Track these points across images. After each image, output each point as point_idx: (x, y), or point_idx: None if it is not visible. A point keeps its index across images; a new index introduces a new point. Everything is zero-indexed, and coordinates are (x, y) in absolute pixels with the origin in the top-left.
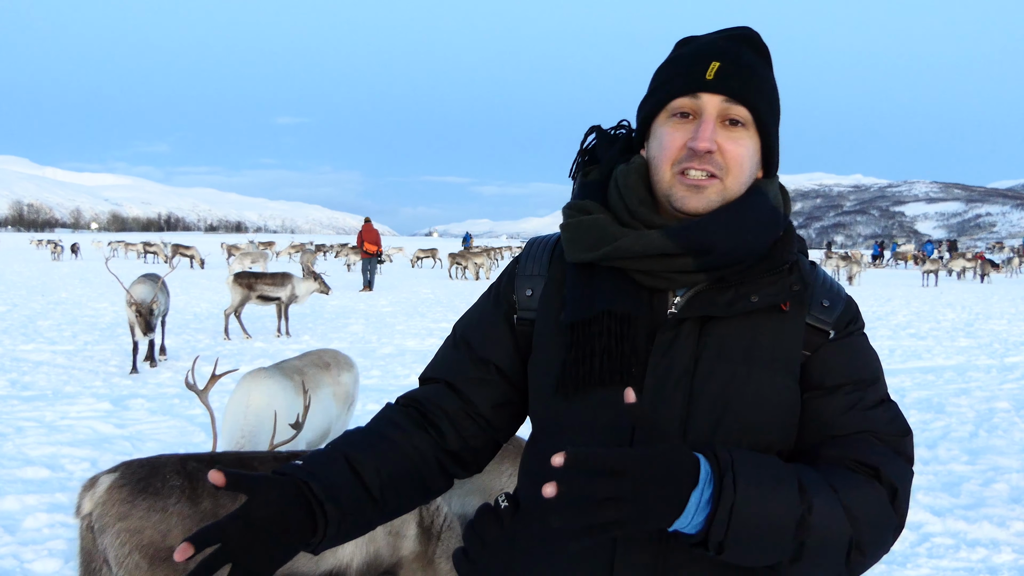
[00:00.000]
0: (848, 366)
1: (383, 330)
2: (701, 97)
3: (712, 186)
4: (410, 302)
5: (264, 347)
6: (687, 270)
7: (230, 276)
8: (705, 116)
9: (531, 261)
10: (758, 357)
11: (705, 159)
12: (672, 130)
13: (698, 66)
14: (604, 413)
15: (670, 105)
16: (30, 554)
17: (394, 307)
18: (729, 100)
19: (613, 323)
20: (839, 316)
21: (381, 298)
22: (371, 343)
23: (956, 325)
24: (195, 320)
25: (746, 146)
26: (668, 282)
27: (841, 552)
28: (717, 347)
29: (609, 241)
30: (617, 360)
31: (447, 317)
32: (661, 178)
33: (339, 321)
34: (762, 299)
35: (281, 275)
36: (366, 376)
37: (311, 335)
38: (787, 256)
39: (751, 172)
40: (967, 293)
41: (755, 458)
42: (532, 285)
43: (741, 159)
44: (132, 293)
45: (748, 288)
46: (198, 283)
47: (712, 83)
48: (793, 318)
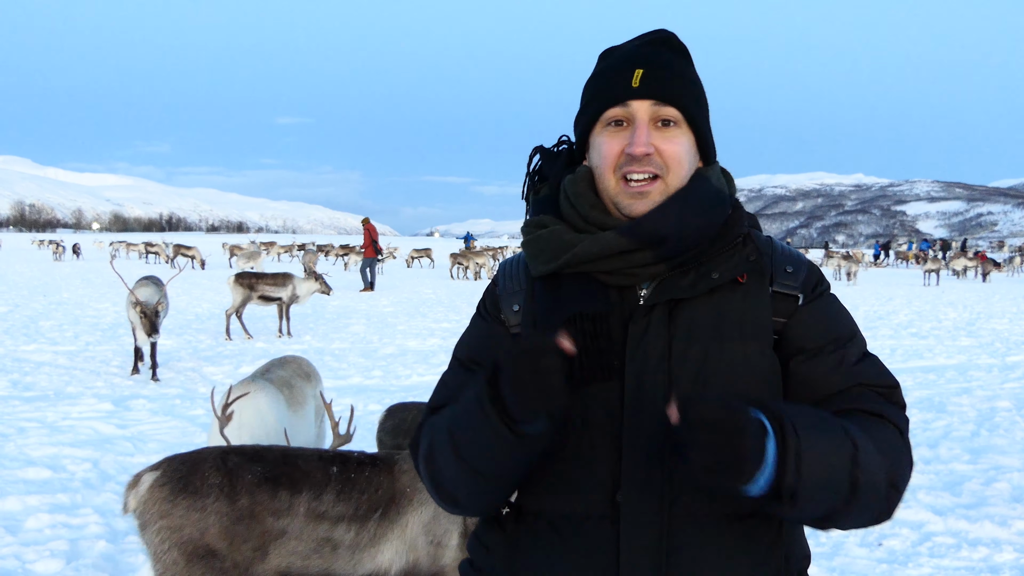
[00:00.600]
0: (824, 326)
1: (384, 330)
2: (631, 105)
3: (654, 188)
4: (411, 302)
5: (265, 347)
6: (647, 263)
7: (231, 276)
8: (638, 122)
9: (509, 280)
10: (728, 331)
11: (644, 161)
12: (609, 139)
13: (624, 75)
14: (591, 408)
15: (603, 116)
16: (32, 555)
17: (395, 307)
18: (658, 103)
19: (586, 323)
20: (804, 280)
21: (382, 298)
22: (373, 343)
23: (957, 324)
24: (196, 320)
25: (681, 143)
26: (632, 278)
27: (883, 487)
28: (687, 328)
29: (568, 248)
30: (595, 357)
31: (448, 317)
32: (607, 186)
33: (340, 321)
34: (722, 274)
35: (282, 275)
36: (368, 376)
37: (312, 335)
38: (738, 230)
39: (690, 165)
40: (968, 292)
41: (797, 406)
42: (517, 300)
43: (679, 156)
44: (136, 294)
45: (708, 267)
46: (199, 283)
47: (639, 90)
48: (755, 288)
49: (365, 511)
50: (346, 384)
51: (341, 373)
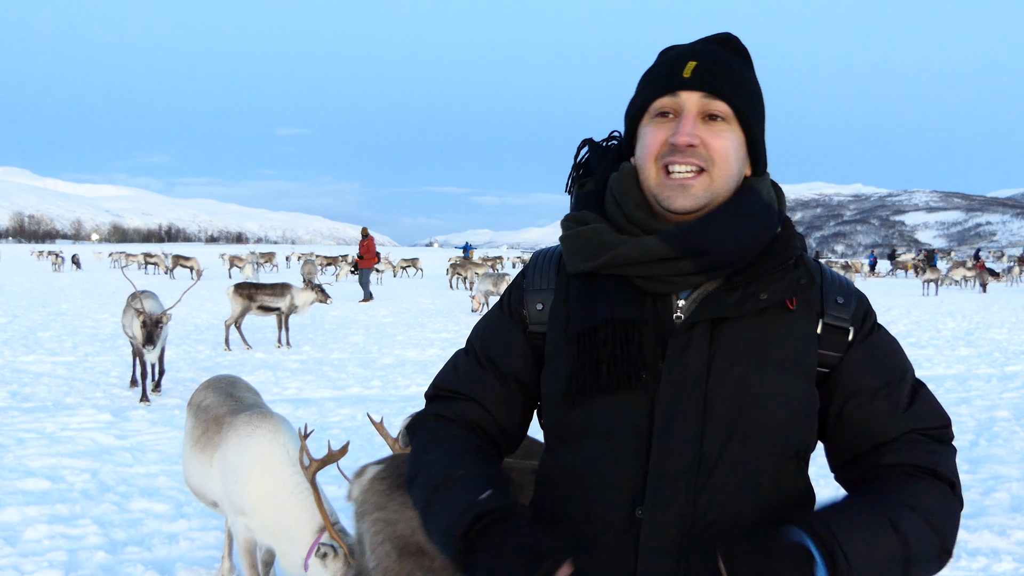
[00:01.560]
0: (879, 367)
1: (383, 340)
2: (680, 95)
3: (698, 182)
4: (410, 312)
5: (264, 358)
6: (687, 272)
7: (230, 287)
8: (685, 112)
9: (538, 275)
10: (770, 359)
11: (688, 153)
12: (655, 129)
13: (676, 67)
14: (616, 419)
15: (652, 107)
16: (30, 565)
17: (395, 317)
18: (708, 96)
19: (617, 329)
20: (855, 311)
21: (381, 308)
22: (372, 353)
23: (956, 334)
24: (195, 331)
25: (729, 139)
26: (670, 286)
27: (934, 562)
28: (729, 350)
29: (608, 249)
30: (623, 366)
31: (447, 327)
32: (647, 176)
33: (339, 331)
34: (771, 295)
35: (281, 285)
36: (367, 387)
37: (311, 345)
38: (790, 251)
39: (737, 166)
40: (967, 302)
41: (847, 515)
42: (542, 299)
43: (725, 151)
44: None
45: (756, 286)
46: (198, 294)
47: (689, 80)
48: (803, 317)
49: None
50: (345, 394)
51: (340, 383)
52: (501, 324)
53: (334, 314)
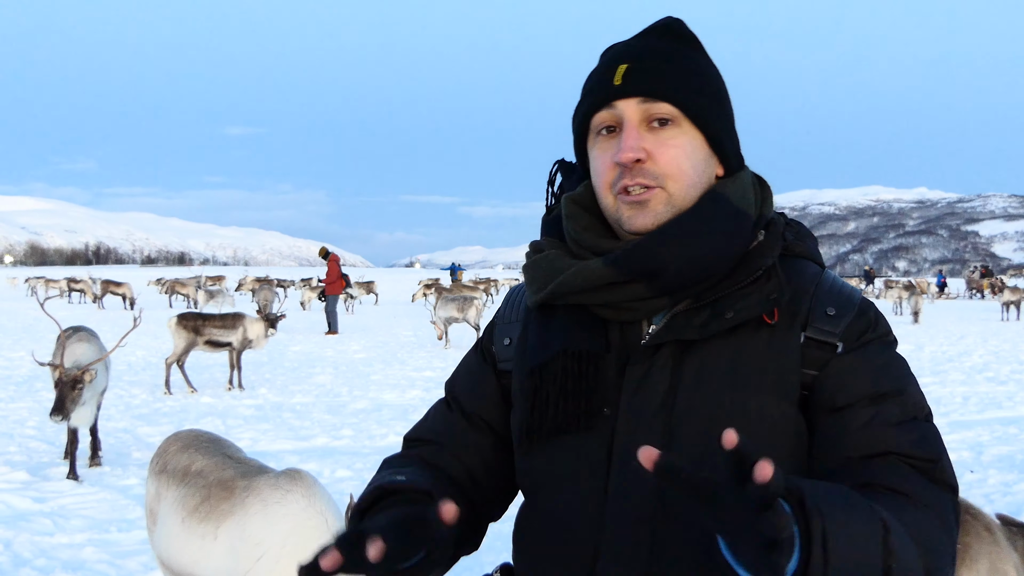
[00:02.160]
0: (862, 379)
1: (355, 381)
2: (617, 106)
3: (654, 197)
4: (388, 347)
5: (212, 403)
6: (642, 296)
7: (173, 318)
8: (626, 124)
9: (509, 308)
10: (743, 381)
11: (636, 171)
12: (600, 151)
13: (607, 73)
14: (574, 462)
15: (592, 123)
16: None
17: (368, 352)
18: (647, 100)
19: (569, 363)
20: (848, 325)
21: (352, 342)
22: (341, 396)
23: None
24: (129, 371)
25: (680, 145)
26: (633, 312)
27: None
28: (695, 375)
29: (556, 277)
30: (575, 402)
31: (431, 364)
32: (606, 205)
33: (303, 371)
34: (737, 314)
35: (232, 316)
36: (336, 436)
37: (269, 387)
38: (760, 261)
39: (698, 172)
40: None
41: (818, 483)
42: (510, 333)
43: (677, 160)
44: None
45: (723, 304)
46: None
47: (621, 87)
48: (785, 331)
49: None
50: (309, 446)
51: (303, 433)
52: (472, 362)
53: (296, 349)
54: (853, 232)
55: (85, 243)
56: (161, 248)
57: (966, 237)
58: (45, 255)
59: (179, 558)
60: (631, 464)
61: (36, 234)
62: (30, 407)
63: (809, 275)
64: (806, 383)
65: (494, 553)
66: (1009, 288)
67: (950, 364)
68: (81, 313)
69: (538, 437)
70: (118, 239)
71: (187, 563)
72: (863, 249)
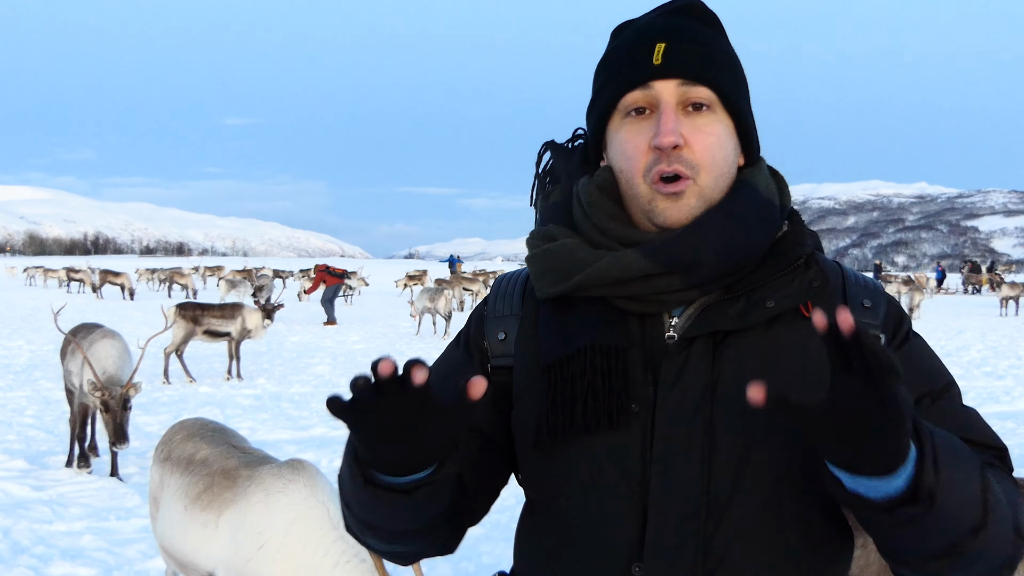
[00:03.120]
0: (918, 376)
1: (354, 371)
2: (653, 86)
3: (687, 189)
4: (387, 337)
5: (211, 392)
6: (675, 289)
7: (171, 308)
8: (663, 106)
9: (501, 301)
10: (786, 377)
11: (674, 156)
12: (632, 134)
13: (642, 51)
14: (602, 463)
15: (621, 103)
16: None
17: (367, 343)
18: (686, 83)
19: (597, 358)
20: (885, 315)
21: (351, 333)
22: (340, 386)
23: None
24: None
25: (716, 133)
26: (658, 305)
27: (1010, 529)
28: (735, 369)
29: (581, 268)
30: (605, 400)
31: (430, 356)
32: (637, 193)
33: (301, 360)
34: (779, 303)
35: (231, 306)
36: (334, 426)
37: (267, 378)
38: (799, 250)
39: (728, 161)
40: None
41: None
42: (505, 327)
43: (711, 150)
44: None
45: (760, 293)
46: (131, 316)
47: (662, 67)
48: None
49: None
50: (307, 436)
51: (302, 423)
52: (454, 358)
53: (294, 340)
54: (853, 227)
55: (84, 233)
56: (160, 238)
57: (966, 232)
58: (44, 245)
59: (180, 545)
60: (675, 460)
61: (35, 224)
62: (29, 396)
63: (831, 268)
64: None
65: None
66: (1007, 284)
67: (948, 359)
68: (80, 303)
69: (557, 439)
70: (117, 229)
71: (188, 550)
72: (862, 244)
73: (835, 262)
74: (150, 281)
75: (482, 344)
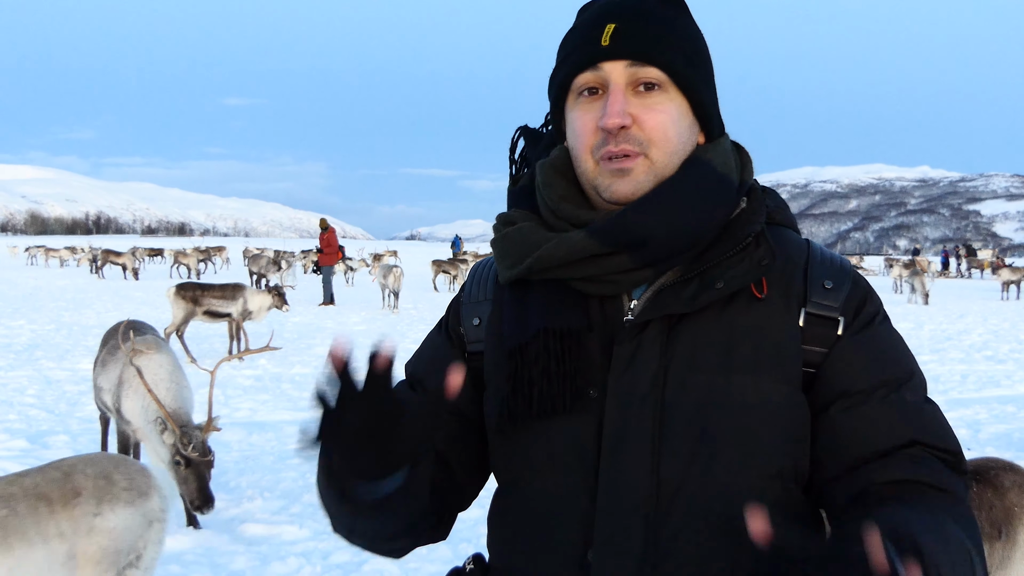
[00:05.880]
0: (874, 363)
1: (356, 352)
2: (602, 67)
3: (637, 164)
4: (388, 319)
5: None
6: (626, 268)
7: (172, 288)
8: (612, 87)
9: (476, 286)
10: (739, 360)
11: (620, 137)
12: (582, 113)
13: (593, 32)
14: (559, 447)
15: (574, 84)
16: None
17: (368, 325)
18: (635, 63)
19: (551, 342)
20: (847, 298)
21: (352, 314)
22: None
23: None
24: None
25: (666, 111)
26: (614, 286)
27: None
28: (688, 353)
29: (533, 251)
30: (559, 384)
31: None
32: (585, 169)
33: (301, 341)
34: (728, 283)
35: (232, 287)
36: None
37: (268, 359)
38: (749, 228)
39: (682, 139)
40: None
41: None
42: (479, 312)
43: (663, 127)
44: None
45: (713, 273)
46: (131, 296)
47: (609, 48)
48: (782, 307)
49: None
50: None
51: (302, 404)
52: (437, 344)
53: (295, 321)
54: (855, 210)
55: (85, 212)
56: (162, 218)
57: (968, 216)
58: (45, 224)
59: None
60: (626, 447)
61: (36, 203)
62: (29, 375)
63: (796, 244)
64: (810, 361)
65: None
66: (1008, 267)
67: (949, 342)
68: (81, 283)
69: (520, 421)
70: (119, 209)
71: None
72: (864, 227)
73: (804, 240)
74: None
75: (459, 330)
